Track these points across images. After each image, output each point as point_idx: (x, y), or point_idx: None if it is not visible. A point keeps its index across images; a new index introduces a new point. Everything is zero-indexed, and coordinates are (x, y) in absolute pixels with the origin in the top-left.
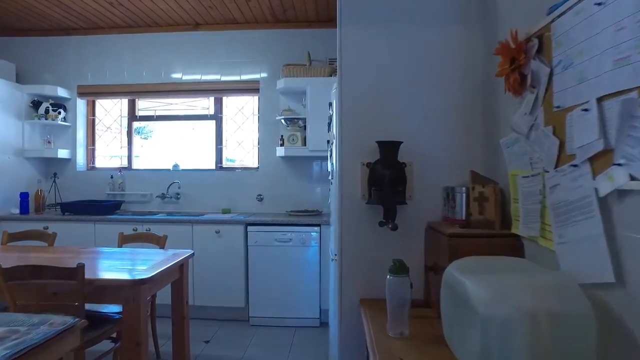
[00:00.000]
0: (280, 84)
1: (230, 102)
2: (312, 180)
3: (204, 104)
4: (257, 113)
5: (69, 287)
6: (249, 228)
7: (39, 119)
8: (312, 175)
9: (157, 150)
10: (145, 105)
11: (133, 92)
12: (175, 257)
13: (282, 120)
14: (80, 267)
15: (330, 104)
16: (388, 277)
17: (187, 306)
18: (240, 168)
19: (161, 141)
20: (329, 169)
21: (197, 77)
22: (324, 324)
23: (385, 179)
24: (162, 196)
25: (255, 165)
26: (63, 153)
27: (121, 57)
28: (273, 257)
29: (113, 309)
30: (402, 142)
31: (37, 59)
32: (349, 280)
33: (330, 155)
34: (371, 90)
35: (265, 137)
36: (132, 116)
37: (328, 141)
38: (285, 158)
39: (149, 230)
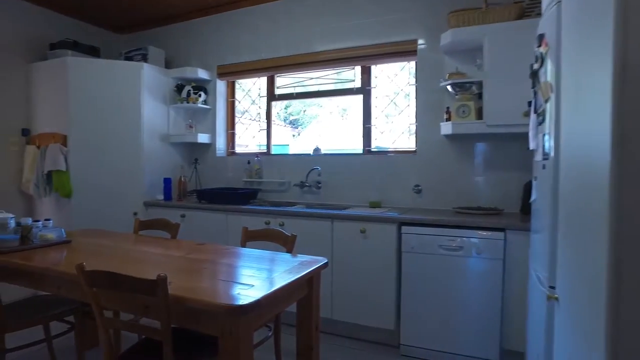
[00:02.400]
0: (446, 37)
1: (380, 72)
2: (490, 167)
3: (349, 75)
4: (413, 82)
5: (153, 301)
6: (404, 228)
7: (181, 102)
8: (490, 159)
9: (300, 133)
10: (284, 83)
11: (271, 68)
12: (304, 267)
13: (449, 87)
14: (161, 281)
15: (542, 38)
16: None
17: (316, 332)
18: (393, 152)
19: (304, 123)
20: (533, 148)
21: (339, 44)
22: None
23: None
24: (301, 185)
25: (412, 147)
26: (203, 137)
27: (257, 31)
28: (435, 268)
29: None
30: None
31: (182, 43)
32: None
33: (540, 125)
34: None
35: (424, 111)
36: (271, 95)
37: (530, 105)
38: (452, 137)
39: (282, 224)
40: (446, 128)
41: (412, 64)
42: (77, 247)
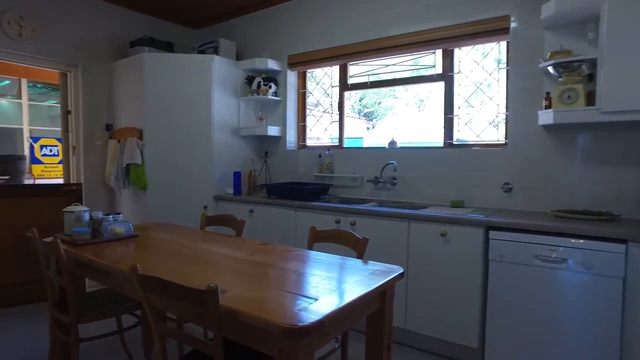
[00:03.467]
0: (549, 8)
1: (465, 55)
2: (599, 162)
3: (428, 61)
4: (504, 65)
5: (204, 311)
6: (492, 233)
7: (251, 94)
8: (601, 153)
9: (374, 126)
10: (357, 71)
11: (343, 56)
12: (376, 278)
13: (550, 69)
14: (211, 293)
15: None
16: None
17: (388, 352)
18: (479, 145)
19: (379, 115)
20: None
21: (417, 26)
22: None
23: None
24: (375, 180)
25: (501, 140)
26: (273, 130)
27: (328, 17)
28: (529, 282)
29: None
30: None
31: (253, 34)
32: None
33: None
34: None
35: (518, 98)
36: (343, 85)
37: None
38: (551, 128)
39: (354, 224)
40: (545, 117)
41: (503, 44)
42: (143, 243)
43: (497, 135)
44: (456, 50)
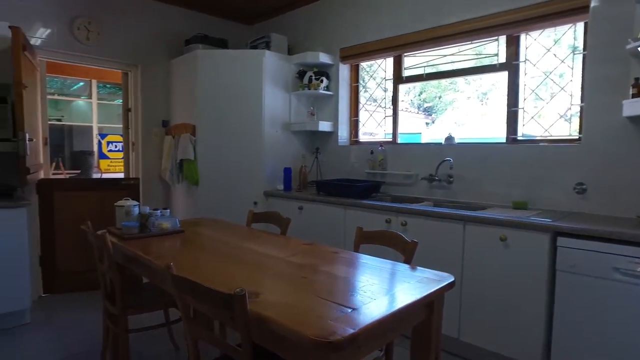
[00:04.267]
0: None
1: (534, 41)
2: None
3: (491, 50)
4: (580, 50)
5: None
6: (560, 240)
7: (302, 89)
8: None
9: (434, 121)
10: (412, 63)
11: (397, 47)
12: (423, 286)
13: None
14: (239, 298)
15: None
16: None
17: None
18: (547, 140)
19: (439, 110)
20: None
21: (478, 11)
22: None
23: None
24: (430, 178)
25: (574, 134)
26: (325, 125)
27: (381, 7)
28: (607, 300)
29: None
30: None
31: (305, 28)
32: None
33: None
34: None
35: (597, 87)
36: (398, 78)
37: None
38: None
39: (405, 224)
40: (633, 107)
41: (579, 27)
42: (187, 239)
43: (569, 129)
44: (522, 37)
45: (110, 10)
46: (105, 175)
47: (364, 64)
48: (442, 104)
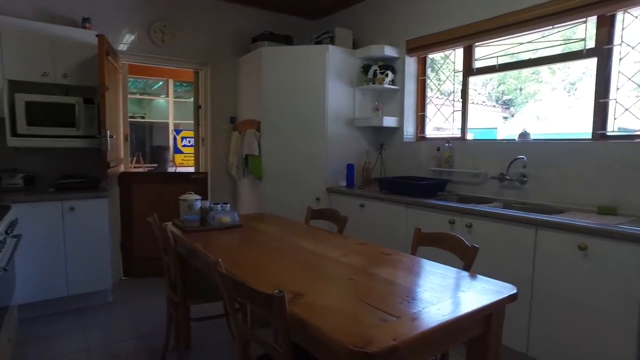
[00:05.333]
0: None
1: (632, 21)
2: None
3: (576, 34)
4: None
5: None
6: None
7: (367, 84)
8: None
9: (513, 115)
10: (485, 53)
11: (467, 37)
12: (481, 297)
13: None
14: (277, 299)
15: None
16: None
17: None
18: None
19: (520, 103)
20: None
21: None
22: None
23: None
24: (501, 177)
25: None
26: (389, 121)
27: None
28: None
29: None
30: None
31: (371, 21)
32: None
33: None
34: None
35: None
36: (468, 70)
37: None
38: None
39: (470, 226)
40: None
41: None
42: (245, 233)
43: None
44: (619, 16)
45: (182, 12)
46: (179, 169)
47: (431, 57)
48: (523, 96)
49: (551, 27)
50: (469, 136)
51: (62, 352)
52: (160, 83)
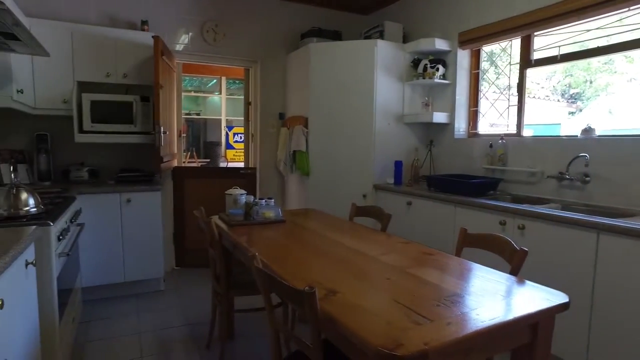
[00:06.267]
0: None
1: None
2: None
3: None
4: None
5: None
6: None
7: (417, 78)
8: None
9: (581, 109)
10: (545, 43)
11: (526, 26)
12: (527, 304)
13: None
14: (308, 295)
15: None
16: None
17: None
18: None
19: (589, 96)
20: None
21: None
22: None
23: None
24: (559, 177)
25: None
26: (440, 117)
27: None
28: None
29: None
30: None
31: (422, 14)
32: None
33: None
34: None
35: None
36: (526, 62)
37: None
38: None
39: (522, 228)
40: None
41: None
42: (287, 229)
43: None
44: None
45: (234, 11)
46: (230, 165)
47: (485, 49)
48: (593, 89)
49: (627, 8)
50: (526, 132)
51: (118, 333)
52: (214, 81)
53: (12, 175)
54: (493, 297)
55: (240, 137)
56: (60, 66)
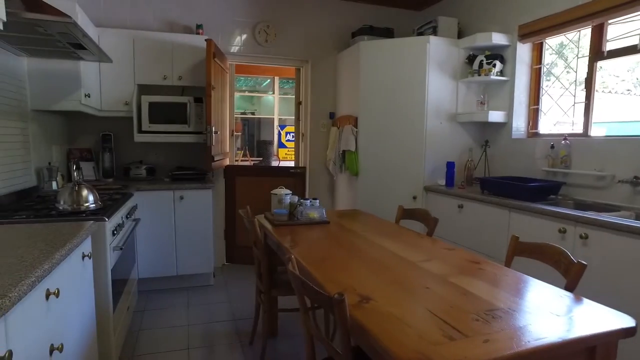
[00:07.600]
0: None
1: None
2: None
3: None
4: None
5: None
6: None
7: (472, 75)
8: None
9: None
10: (619, 32)
11: (598, 14)
12: (583, 326)
13: None
14: (337, 303)
15: None
16: None
17: None
18: None
19: None
20: None
21: None
22: None
23: None
24: (633, 181)
25: None
26: (496, 116)
27: None
28: None
29: None
30: None
31: (478, 8)
32: None
33: None
34: None
35: None
36: (596, 54)
37: None
38: None
39: (585, 237)
40: None
41: None
42: (330, 230)
43: None
44: None
45: (285, 12)
46: (282, 163)
47: (549, 41)
48: None
49: None
50: (597, 131)
51: (168, 323)
52: (268, 80)
53: (75, 173)
54: (541, 314)
55: (292, 136)
56: (123, 71)
